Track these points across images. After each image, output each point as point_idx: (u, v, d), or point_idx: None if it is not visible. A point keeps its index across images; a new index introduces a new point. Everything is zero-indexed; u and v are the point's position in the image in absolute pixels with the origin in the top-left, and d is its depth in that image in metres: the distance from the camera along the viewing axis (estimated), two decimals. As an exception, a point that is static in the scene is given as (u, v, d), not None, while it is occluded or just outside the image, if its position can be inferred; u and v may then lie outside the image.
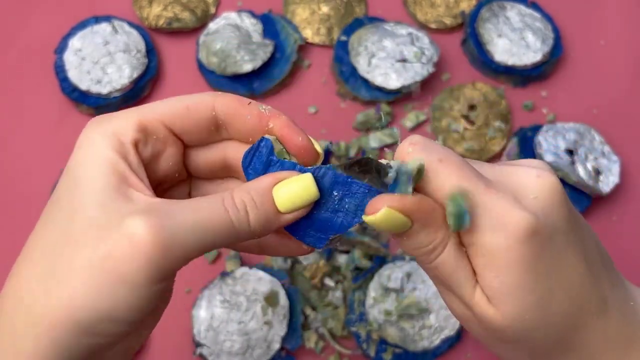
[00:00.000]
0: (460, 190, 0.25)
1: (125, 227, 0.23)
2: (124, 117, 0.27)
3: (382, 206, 0.25)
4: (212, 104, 0.28)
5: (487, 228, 0.25)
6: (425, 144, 0.26)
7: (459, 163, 0.26)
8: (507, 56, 0.60)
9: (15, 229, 0.54)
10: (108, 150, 0.25)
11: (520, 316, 0.26)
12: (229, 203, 0.25)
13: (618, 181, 0.55)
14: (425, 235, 0.26)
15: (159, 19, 0.61)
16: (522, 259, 0.25)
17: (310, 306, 0.52)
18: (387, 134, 0.58)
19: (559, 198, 0.26)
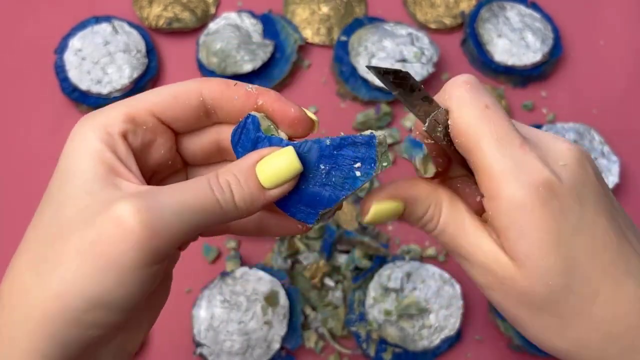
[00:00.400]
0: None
1: (112, 211, 0.24)
2: (112, 109, 0.27)
3: (370, 205, 0.28)
4: (199, 90, 0.28)
5: (514, 181, 0.26)
6: (476, 86, 0.27)
7: (502, 114, 0.27)
8: (506, 56, 0.60)
9: (15, 229, 0.54)
10: (96, 142, 0.26)
11: (543, 279, 0.26)
12: (214, 182, 0.26)
13: (618, 181, 0.55)
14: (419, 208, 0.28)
15: (159, 19, 0.61)
16: (545, 218, 0.25)
17: (310, 306, 0.52)
18: (387, 134, 0.58)
19: (589, 172, 0.27)
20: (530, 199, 0.25)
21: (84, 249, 0.24)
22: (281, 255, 0.53)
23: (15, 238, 0.57)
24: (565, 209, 0.26)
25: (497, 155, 0.26)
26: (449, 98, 0.27)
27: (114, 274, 0.23)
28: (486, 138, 0.26)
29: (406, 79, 0.26)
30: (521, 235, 0.26)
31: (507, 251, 0.26)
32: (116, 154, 0.26)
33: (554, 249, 0.26)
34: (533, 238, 0.25)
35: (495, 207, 0.26)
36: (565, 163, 0.27)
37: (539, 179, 0.25)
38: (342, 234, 0.53)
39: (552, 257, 0.26)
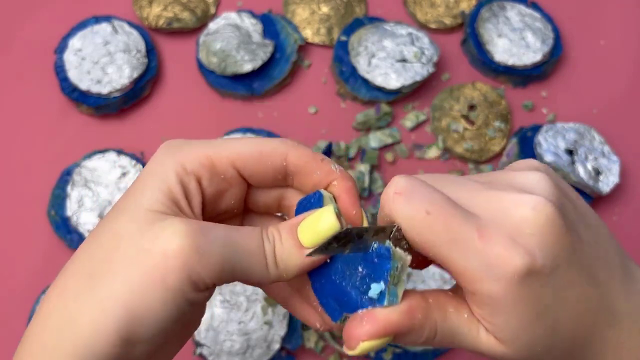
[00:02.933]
0: None
1: (166, 229, 0.24)
2: (198, 147, 0.27)
3: (358, 342, 0.25)
4: (286, 154, 0.28)
5: (486, 278, 0.25)
6: (410, 191, 0.25)
7: (446, 211, 0.25)
8: (507, 56, 0.60)
9: (15, 229, 0.54)
10: (171, 173, 0.26)
11: (530, 348, 0.26)
12: (263, 233, 0.26)
13: (618, 181, 0.55)
14: (412, 336, 0.26)
15: (159, 19, 0.61)
16: (524, 299, 0.25)
17: (310, 306, 0.52)
18: (387, 134, 0.58)
19: (557, 231, 0.25)
20: (505, 289, 0.25)
21: (135, 262, 0.24)
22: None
23: (15, 238, 0.57)
24: (542, 281, 0.25)
25: (459, 258, 0.25)
26: (390, 215, 0.26)
27: (157, 291, 0.24)
28: (441, 246, 0.25)
29: (349, 234, 0.25)
30: (504, 322, 0.25)
31: (493, 334, 0.26)
32: (185, 190, 0.26)
33: (537, 322, 0.26)
34: (515, 322, 0.25)
35: (474, 300, 0.26)
36: (532, 231, 0.25)
37: (508, 268, 0.24)
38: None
39: (536, 330, 0.26)
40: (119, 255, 0.24)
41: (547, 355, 0.27)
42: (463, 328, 0.27)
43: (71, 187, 0.53)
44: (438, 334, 0.27)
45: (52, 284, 0.26)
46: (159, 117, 0.58)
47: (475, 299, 0.26)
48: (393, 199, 0.25)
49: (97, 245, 0.26)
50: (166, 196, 0.26)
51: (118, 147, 0.56)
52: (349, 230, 0.25)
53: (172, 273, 0.24)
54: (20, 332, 0.50)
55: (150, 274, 0.24)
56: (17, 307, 0.51)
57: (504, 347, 0.26)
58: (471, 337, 0.27)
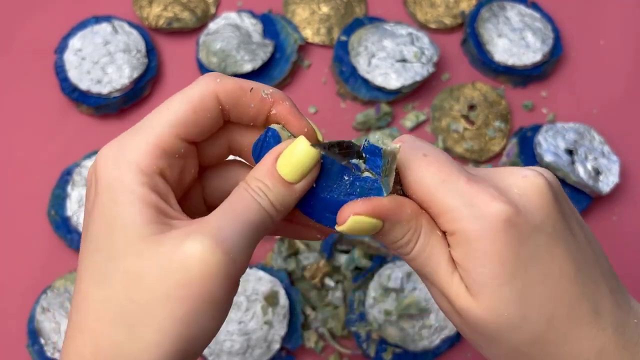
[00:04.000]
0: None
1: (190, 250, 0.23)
2: (140, 141, 0.26)
3: (349, 215, 0.26)
4: (216, 96, 0.27)
5: (466, 217, 0.25)
6: (412, 140, 0.27)
7: (442, 159, 0.27)
8: (507, 56, 0.60)
9: (15, 229, 0.54)
10: (137, 187, 0.25)
11: (498, 309, 0.26)
12: (251, 192, 0.26)
13: (618, 181, 0.55)
14: (398, 230, 0.27)
15: (159, 19, 0.61)
16: (499, 249, 0.25)
17: (310, 306, 0.52)
18: (387, 134, 0.58)
19: (545, 199, 0.26)
20: (483, 231, 0.25)
21: (171, 294, 0.23)
22: (281, 255, 0.53)
23: (15, 238, 0.57)
24: (521, 237, 0.25)
25: (444, 195, 0.26)
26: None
27: (210, 310, 0.24)
28: (430, 182, 0.26)
29: (351, 147, 0.26)
30: (476, 267, 0.25)
31: (465, 282, 0.26)
32: (159, 195, 0.26)
33: (508, 279, 0.25)
34: (487, 269, 0.25)
35: (453, 241, 0.26)
36: (520, 192, 0.26)
37: (490, 210, 0.25)
38: (342, 234, 0.52)
39: (507, 288, 0.25)
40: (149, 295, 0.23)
41: (514, 326, 0.26)
42: (441, 258, 0.27)
43: (71, 187, 0.53)
44: (419, 243, 0.27)
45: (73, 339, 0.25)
46: (159, 117, 0.58)
47: (453, 240, 0.26)
48: (399, 140, 0.28)
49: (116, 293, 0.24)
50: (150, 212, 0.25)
51: (118, 147, 0.56)
52: (351, 144, 0.26)
53: (219, 289, 0.24)
54: (20, 332, 0.50)
55: (196, 301, 0.23)
56: (17, 307, 0.51)
57: (471, 299, 0.26)
58: (445, 275, 0.27)
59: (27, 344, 0.49)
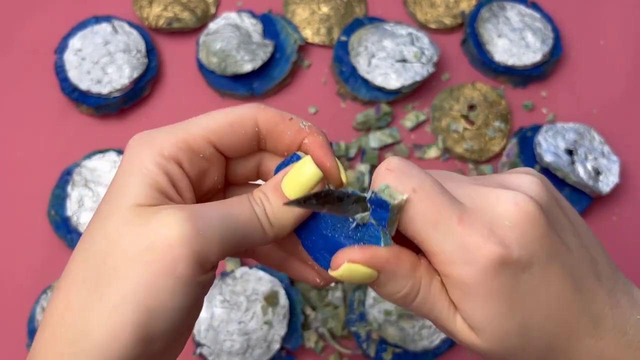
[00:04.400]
0: None
1: (162, 219, 0.24)
2: (171, 133, 0.27)
3: (343, 261, 0.26)
4: (255, 119, 0.28)
5: (460, 262, 0.25)
6: (401, 170, 0.26)
7: (433, 192, 0.26)
8: (507, 56, 0.60)
9: (15, 229, 0.54)
10: (151, 165, 0.26)
11: (501, 342, 0.26)
12: (250, 198, 0.27)
13: (618, 181, 0.55)
14: (394, 284, 0.26)
15: (159, 19, 0.61)
16: (496, 290, 0.25)
17: (310, 306, 0.52)
18: (387, 134, 0.58)
19: (536, 228, 0.26)
20: (477, 275, 0.25)
21: (137, 258, 0.24)
22: (281, 255, 0.53)
23: (15, 238, 0.57)
24: (515, 275, 0.25)
25: (437, 239, 0.25)
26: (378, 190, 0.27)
27: (169, 283, 0.24)
28: (422, 224, 0.25)
29: (329, 195, 0.26)
30: (474, 308, 0.26)
31: (465, 321, 0.27)
32: (169, 178, 0.26)
33: (508, 316, 0.26)
34: (485, 310, 0.26)
35: (449, 283, 0.26)
36: (513, 223, 0.25)
37: (483, 255, 0.25)
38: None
39: (508, 323, 0.26)
40: (120, 259, 0.24)
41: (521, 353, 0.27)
42: (444, 303, 0.27)
43: (71, 187, 0.53)
44: (419, 296, 0.27)
45: (53, 297, 0.25)
46: (159, 117, 0.58)
47: (448, 282, 0.26)
48: (384, 174, 0.26)
49: (94, 253, 0.25)
50: (152, 188, 0.25)
51: (118, 147, 0.56)
52: (330, 191, 0.25)
53: (181, 261, 0.24)
54: (20, 332, 0.50)
55: (158, 268, 0.24)
56: (17, 307, 0.51)
57: (475, 336, 0.26)
58: (449, 317, 0.27)
59: (27, 344, 0.49)
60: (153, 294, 0.24)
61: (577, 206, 0.56)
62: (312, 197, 0.25)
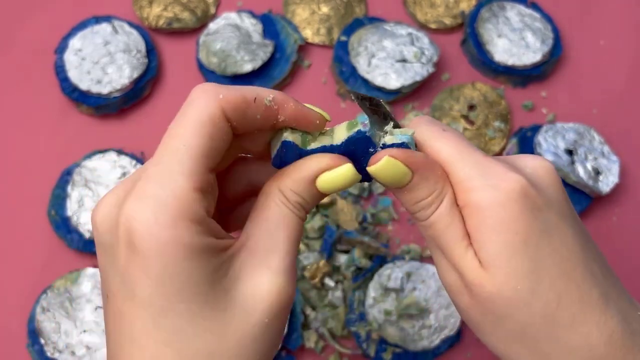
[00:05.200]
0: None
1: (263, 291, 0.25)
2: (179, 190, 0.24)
3: (384, 155, 0.27)
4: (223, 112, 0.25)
5: (482, 186, 0.26)
6: (431, 119, 0.29)
7: (460, 135, 0.28)
8: (506, 56, 0.60)
9: (15, 229, 0.54)
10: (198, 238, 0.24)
11: (510, 282, 0.26)
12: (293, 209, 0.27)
13: (618, 181, 0.55)
14: (425, 187, 0.27)
15: (159, 19, 0.61)
16: (513, 219, 0.26)
17: (310, 306, 0.52)
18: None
19: (555, 178, 0.28)
20: (497, 200, 0.26)
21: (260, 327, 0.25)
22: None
23: (15, 238, 0.57)
24: (533, 209, 0.26)
25: (462, 164, 0.27)
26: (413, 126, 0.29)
27: (280, 329, 0.26)
28: (448, 153, 0.27)
29: (379, 106, 0.28)
30: (489, 237, 0.26)
31: (478, 256, 0.27)
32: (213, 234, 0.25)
33: (522, 249, 0.26)
34: (500, 239, 0.26)
35: (467, 213, 0.27)
36: (533, 169, 0.28)
37: (505, 180, 0.26)
38: (342, 234, 0.53)
39: (520, 258, 0.26)
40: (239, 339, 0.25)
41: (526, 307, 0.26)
42: (458, 230, 0.27)
43: (71, 187, 0.53)
44: (439, 210, 0.27)
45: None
46: (159, 117, 0.58)
47: (467, 211, 0.27)
48: (418, 120, 0.29)
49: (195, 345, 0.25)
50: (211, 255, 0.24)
51: (118, 147, 0.56)
52: (381, 103, 0.28)
53: (286, 313, 0.26)
54: (20, 332, 0.51)
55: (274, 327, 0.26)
56: (17, 307, 0.51)
57: (484, 272, 0.26)
58: (461, 247, 0.27)
59: (27, 344, 0.49)
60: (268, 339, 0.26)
61: (577, 206, 0.56)
62: (367, 99, 0.27)
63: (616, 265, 0.57)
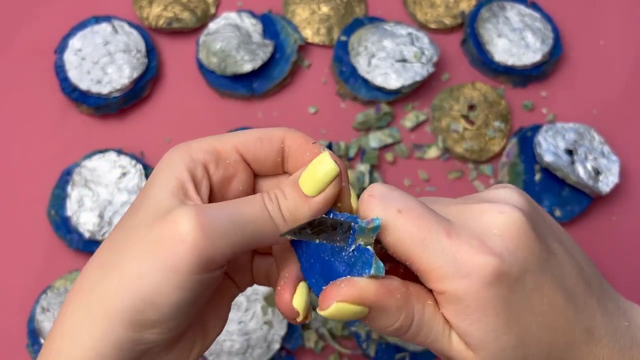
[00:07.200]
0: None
1: (171, 215, 0.25)
2: (203, 140, 0.29)
3: (332, 302, 0.25)
4: (283, 137, 0.29)
5: (453, 276, 0.25)
6: (383, 194, 0.26)
7: (418, 212, 0.26)
8: (506, 56, 0.60)
9: (15, 229, 0.54)
10: (179, 164, 0.27)
11: (500, 358, 0.26)
12: (265, 196, 0.27)
13: (617, 181, 0.55)
14: (387, 318, 0.26)
15: (159, 19, 0.61)
16: (491, 302, 0.25)
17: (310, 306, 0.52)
18: (387, 134, 0.58)
19: (525, 234, 0.26)
20: (471, 288, 0.25)
21: (144, 250, 0.25)
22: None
23: (15, 238, 0.57)
24: (510, 285, 0.25)
25: (427, 257, 0.25)
26: (365, 215, 0.27)
27: (167, 276, 0.24)
28: (410, 243, 0.25)
29: (323, 223, 0.26)
30: (471, 324, 0.25)
31: (462, 338, 0.26)
32: (192, 177, 0.27)
33: (506, 329, 0.25)
34: (483, 324, 0.25)
35: (441, 300, 0.26)
36: (500, 232, 0.26)
37: (475, 266, 0.25)
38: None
39: (505, 336, 0.25)
40: (130, 246, 0.25)
41: None
42: (438, 327, 0.27)
43: (71, 187, 0.53)
44: (413, 325, 0.26)
45: (76, 280, 0.27)
46: (159, 117, 0.58)
47: (443, 299, 0.26)
48: (367, 200, 0.27)
49: (112, 241, 0.27)
50: (175, 186, 0.27)
51: (118, 147, 0.56)
52: (323, 219, 0.26)
53: (182, 257, 0.24)
54: (20, 332, 0.50)
55: (160, 260, 0.24)
56: (17, 307, 0.51)
57: (472, 354, 0.26)
58: (444, 339, 0.27)
59: (27, 344, 0.49)
60: (151, 285, 0.24)
61: (577, 206, 0.56)
62: (306, 226, 0.26)
63: (616, 265, 0.57)
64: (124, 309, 0.25)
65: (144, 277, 0.24)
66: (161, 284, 0.24)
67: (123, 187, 0.53)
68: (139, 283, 0.24)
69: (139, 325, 0.25)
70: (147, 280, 0.24)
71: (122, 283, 0.25)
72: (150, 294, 0.24)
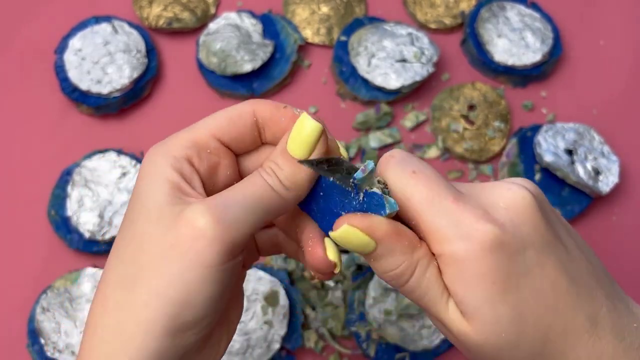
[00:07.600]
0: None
1: (185, 215, 0.25)
2: (178, 137, 0.29)
3: (342, 224, 0.26)
4: (252, 110, 0.29)
5: (454, 237, 0.25)
6: (402, 157, 0.27)
7: (431, 176, 0.27)
8: (506, 56, 0.60)
9: (15, 230, 0.54)
10: (164, 166, 0.27)
11: (495, 330, 0.26)
12: (261, 171, 0.28)
13: (617, 181, 0.55)
14: (391, 259, 0.27)
15: (159, 19, 0.61)
16: (490, 269, 0.25)
17: (310, 306, 0.52)
18: (387, 134, 0.58)
19: (531, 211, 0.26)
20: (471, 252, 0.25)
21: (165, 257, 0.25)
22: (281, 255, 0.53)
23: (16, 238, 0.57)
24: (510, 255, 0.25)
25: (432, 214, 0.26)
26: (382, 173, 0.28)
27: (196, 273, 0.25)
28: (418, 201, 0.26)
29: (341, 164, 0.27)
30: (468, 290, 0.25)
31: (458, 306, 0.26)
32: (182, 175, 0.27)
33: (502, 299, 0.25)
34: (479, 291, 0.25)
35: (442, 262, 0.26)
36: (506, 205, 0.26)
37: (477, 231, 0.25)
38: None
39: (501, 307, 0.25)
40: (149, 256, 0.25)
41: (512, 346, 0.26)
42: (437, 290, 0.27)
43: (71, 187, 0.53)
44: (413, 278, 0.27)
45: (92, 302, 0.27)
46: (159, 117, 0.58)
47: (443, 262, 0.26)
48: (387, 161, 0.28)
49: (125, 255, 0.26)
50: (170, 188, 0.27)
51: (118, 147, 0.56)
52: (342, 160, 0.27)
53: (207, 251, 0.25)
54: (20, 332, 0.51)
55: (186, 261, 0.25)
56: (17, 307, 0.51)
57: (467, 324, 0.26)
58: (441, 304, 0.27)
59: (27, 344, 0.49)
60: (183, 287, 0.25)
61: (577, 206, 0.56)
62: (324, 161, 0.26)
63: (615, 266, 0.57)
64: (158, 319, 0.25)
65: (172, 282, 0.25)
66: (192, 283, 0.25)
67: (123, 187, 0.53)
68: (168, 289, 0.25)
69: (175, 331, 0.25)
70: (176, 284, 0.25)
71: (151, 295, 0.25)
72: (185, 295, 0.25)
